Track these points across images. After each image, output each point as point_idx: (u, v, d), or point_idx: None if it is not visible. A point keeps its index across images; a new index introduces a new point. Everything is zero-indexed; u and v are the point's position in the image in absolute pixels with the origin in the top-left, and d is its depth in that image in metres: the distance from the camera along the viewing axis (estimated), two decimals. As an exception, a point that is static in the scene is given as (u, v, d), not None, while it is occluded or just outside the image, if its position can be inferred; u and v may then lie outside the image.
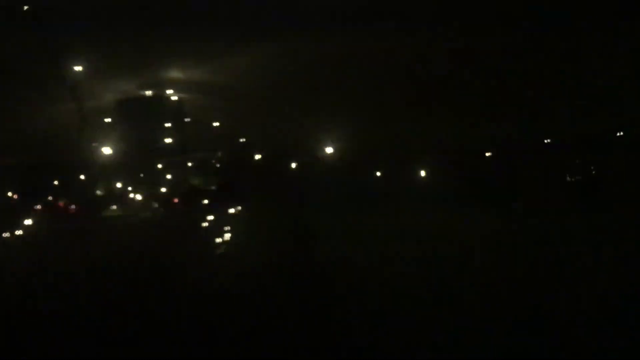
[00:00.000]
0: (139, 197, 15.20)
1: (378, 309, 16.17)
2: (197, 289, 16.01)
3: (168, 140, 13.39)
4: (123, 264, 17.08)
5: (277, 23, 8.87)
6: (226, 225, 21.62)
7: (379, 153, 14.22)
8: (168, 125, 15.34)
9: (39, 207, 17.05)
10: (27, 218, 15.47)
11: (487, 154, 12.22)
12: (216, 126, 12.94)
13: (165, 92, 13.92)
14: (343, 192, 17.33)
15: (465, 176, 16.85)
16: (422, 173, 12.03)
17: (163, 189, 14.56)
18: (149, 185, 15.66)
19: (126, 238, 16.16)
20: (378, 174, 13.04)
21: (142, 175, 15.14)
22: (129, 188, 14.87)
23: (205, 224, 20.13)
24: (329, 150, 10.80)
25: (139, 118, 16.32)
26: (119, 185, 15.58)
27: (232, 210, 20.51)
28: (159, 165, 14.94)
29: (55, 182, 15.90)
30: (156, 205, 15.29)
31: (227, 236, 21.34)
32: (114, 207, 16.77)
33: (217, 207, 20.56)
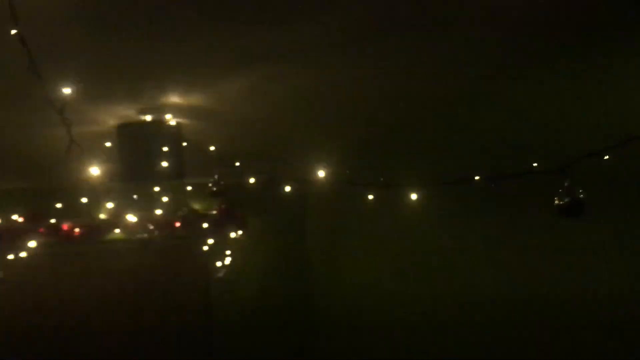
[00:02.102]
0: (139, 220, 15.21)
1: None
2: (197, 315, 16.06)
3: (166, 164, 13.26)
4: (127, 291, 17.16)
5: (271, 48, 8.72)
6: (227, 250, 21.63)
7: (368, 177, 13.66)
8: (166, 149, 15.18)
9: (42, 230, 17.23)
10: (31, 240, 15.60)
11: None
12: (212, 150, 12.80)
13: (164, 117, 13.68)
14: (340, 217, 16.96)
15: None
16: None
17: (159, 212, 14.37)
18: (148, 208, 15.64)
19: (130, 262, 16.22)
20: (370, 197, 12.21)
21: (140, 199, 15.12)
22: (130, 212, 14.86)
23: (205, 248, 20.05)
24: (321, 173, 10.56)
25: (139, 142, 16.17)
26: (119, 208, 15.66)
27: (232, 235, 20.30)
28: (157, 189, 14.79)
29: (59, 205, 16.04)
30: (152, 228, 15.19)
31: (228, 260, 21.34)
32: (118, 230, 16.78)
33: (217, 232, 20.50)
